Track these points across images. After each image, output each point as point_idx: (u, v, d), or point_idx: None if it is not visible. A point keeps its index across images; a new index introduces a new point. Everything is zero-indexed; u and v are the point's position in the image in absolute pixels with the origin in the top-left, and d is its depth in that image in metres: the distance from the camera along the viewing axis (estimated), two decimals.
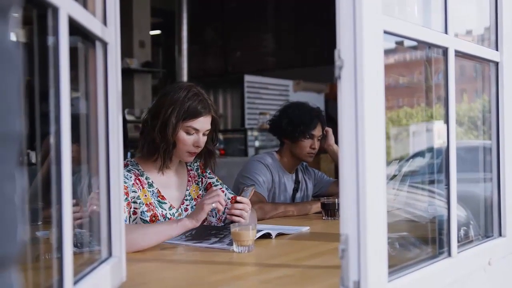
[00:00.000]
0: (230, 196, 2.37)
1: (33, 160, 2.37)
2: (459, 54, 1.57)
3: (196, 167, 2.41)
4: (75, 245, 1.22)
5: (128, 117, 6.70)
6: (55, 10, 1.00)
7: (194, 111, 2.17)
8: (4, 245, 0.54)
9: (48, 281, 1.14)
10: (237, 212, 2.14)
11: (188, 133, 2.18)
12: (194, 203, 2.32)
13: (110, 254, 1.37)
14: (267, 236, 2.11)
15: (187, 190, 2.33)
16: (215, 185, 2.40)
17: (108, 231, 1.37)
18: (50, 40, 1.02)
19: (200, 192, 2.37)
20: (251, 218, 2.29)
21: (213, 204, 1.97)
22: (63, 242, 1.01)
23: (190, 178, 2.37)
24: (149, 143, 2.20)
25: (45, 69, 1.03)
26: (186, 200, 2.31)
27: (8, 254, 0.54)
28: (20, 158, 0.59)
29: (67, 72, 1.03)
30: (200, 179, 2.40)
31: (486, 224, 1.86)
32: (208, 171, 2.43)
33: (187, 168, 2.39)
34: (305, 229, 2.35)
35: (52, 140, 1.02)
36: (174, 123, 2.14)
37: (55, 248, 1.08)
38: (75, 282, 1.10)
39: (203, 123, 2.21)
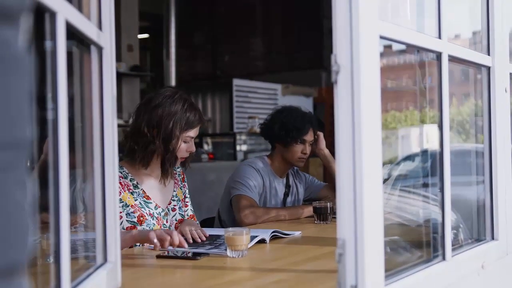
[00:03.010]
0: (190, 213, 2.44)
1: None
2: (452, 58, 1.58)
3: (178, 172, 2.49)
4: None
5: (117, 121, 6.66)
6: (53, 14, 0.99)
7: (193, 122, 2.28)
8: (16, 252, 0.53)
9: (44, 287, 1.13)
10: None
11: (185, 142, 2.29)
12: (181, 204, 2.42)
13: (105, 259, 1.36)
14: (261, 241, 2.11)
15: (174, 191, 2.42)
16: (186, 196, 2.50)
17: (104, 237, 1.36)
18: (47, 44, 1.02)
19: (183, 196, 2.47)
20: None
21: (155, 240, 1.90)
22: (60, 248, 1.00)
23: (176, 181, 2.46)
24: (150, 154, 2.25)
25: (42, 73, 1.03)
26: (174, 200, 2.40)
27: (20, 261, 0.54)
28: (28, 165, 0.58)
29: (64, 76, 1.02)
30: (183, 185, 2.50)
31: (478, 228, 1.87)
32: (184, 182, 2.52)
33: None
34: (297, 233, 2.36)
35: (49, 144, 1.02)
36: (178, 136, 2.24)
37: (48, 254, 1.07)
38: None
39: (197, 130, 2.33)
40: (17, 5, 0.56)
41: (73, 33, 1.15)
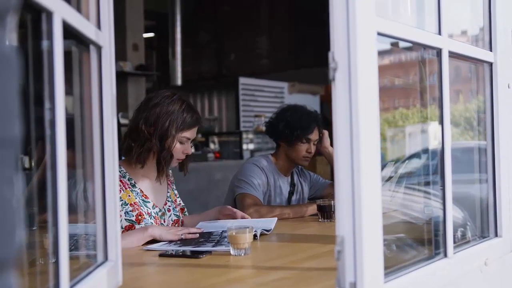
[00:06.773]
0: (174, 218, 2.45)
1: (26, 165, 2.37)
2: (453, 55, 1.58)
3: (170, 174, 2.55)
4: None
5: (122, 121, 6.67)
6: (49, 14, 1.00)
7: (190, 123, 2.31)
8: (3, 248, 0.54)
9: (43, 286, 1.14)
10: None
11: (181, 142, 2.32)
12: (174, 205, 2.46)
13: (106, 258, 1.37)
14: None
15: (168, 192, 2.46)
16: (177, 196, 2.55)
17: (104, 235, 1.37)
18: (44, 44, 1.02)
19: (175, 197, 2.51)
20: None
21: (182, 236, 2.13)
22: (59, 246, 1.01)
23: (169, 183, 2.51)
24: (146, 151, 2.28)
25: (39, 73, 1.03)
26: (168, 201, 2.44)
27: (7, 257, 0.54)
28: (17, 163, 0.59)
29: (61, 76, 1.03)
30: (174, 187, 2.54)
31: (482, 225, 1.87)
32: (173, 185, 2.55)
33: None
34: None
35: (47, 144, 1.02)
36: (173, 135, 2.27)
37: (49, 253, 1.07)
38: (71, 286, 1.09)
39: (195, 132, 2.37)
40: (3, 5, 0.56)
41: (71, 32, 1.16)
